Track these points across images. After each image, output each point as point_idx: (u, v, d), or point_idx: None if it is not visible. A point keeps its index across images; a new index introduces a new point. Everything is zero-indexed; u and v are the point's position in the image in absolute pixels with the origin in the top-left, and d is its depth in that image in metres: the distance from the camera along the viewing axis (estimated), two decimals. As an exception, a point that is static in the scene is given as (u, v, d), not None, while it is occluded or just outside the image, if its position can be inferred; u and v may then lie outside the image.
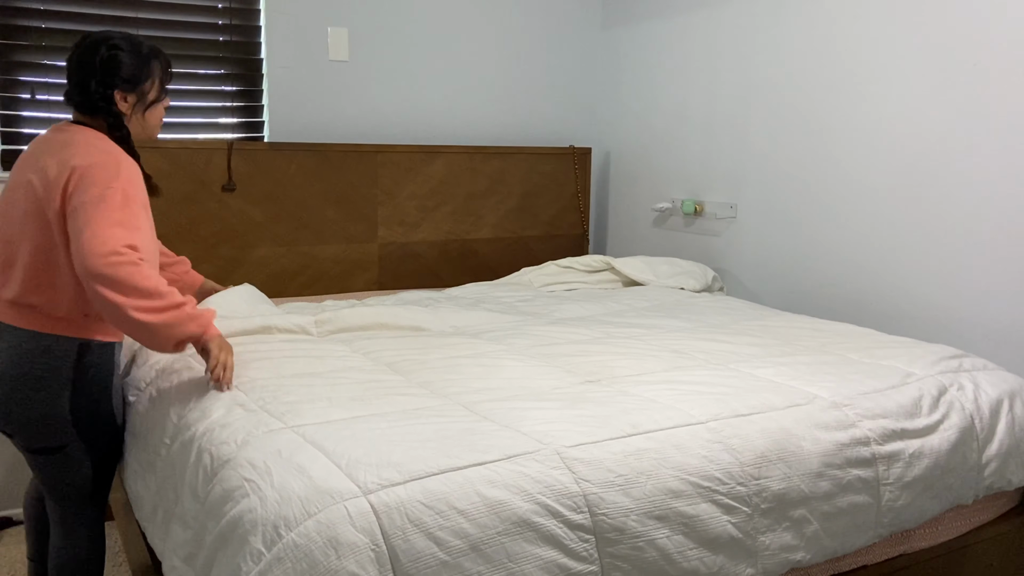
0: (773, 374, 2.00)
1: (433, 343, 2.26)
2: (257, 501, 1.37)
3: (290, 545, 1.29)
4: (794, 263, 2.95)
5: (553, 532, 1.41)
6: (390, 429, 1.57)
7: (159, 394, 1.93)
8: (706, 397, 1.80)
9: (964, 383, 2.04)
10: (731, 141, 3.16)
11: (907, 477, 1.81)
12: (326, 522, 1.30)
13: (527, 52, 3.60)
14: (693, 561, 1.53)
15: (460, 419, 1.64)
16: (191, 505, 1.54)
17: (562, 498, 1.44)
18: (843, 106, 2.74)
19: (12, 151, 2.79)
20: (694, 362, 2.09)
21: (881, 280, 2.66)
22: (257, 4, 3.08)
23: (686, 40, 3.33)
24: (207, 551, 1.43)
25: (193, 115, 3.03)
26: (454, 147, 3.36)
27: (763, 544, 1.61)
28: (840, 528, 1.73)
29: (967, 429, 1.94)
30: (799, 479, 1.67)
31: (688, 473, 1.57)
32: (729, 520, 1.57)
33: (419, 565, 1.30)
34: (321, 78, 3.20)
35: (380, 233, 3.26)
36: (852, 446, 1.76)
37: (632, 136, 3.64)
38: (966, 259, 2.43)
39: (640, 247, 3.65)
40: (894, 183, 2.61)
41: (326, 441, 1.51)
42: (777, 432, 1.71)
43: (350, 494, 1.35)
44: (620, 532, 1.46)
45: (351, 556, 1.27)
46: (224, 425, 1.63)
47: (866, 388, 1.94)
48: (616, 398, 1.79)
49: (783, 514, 1.64)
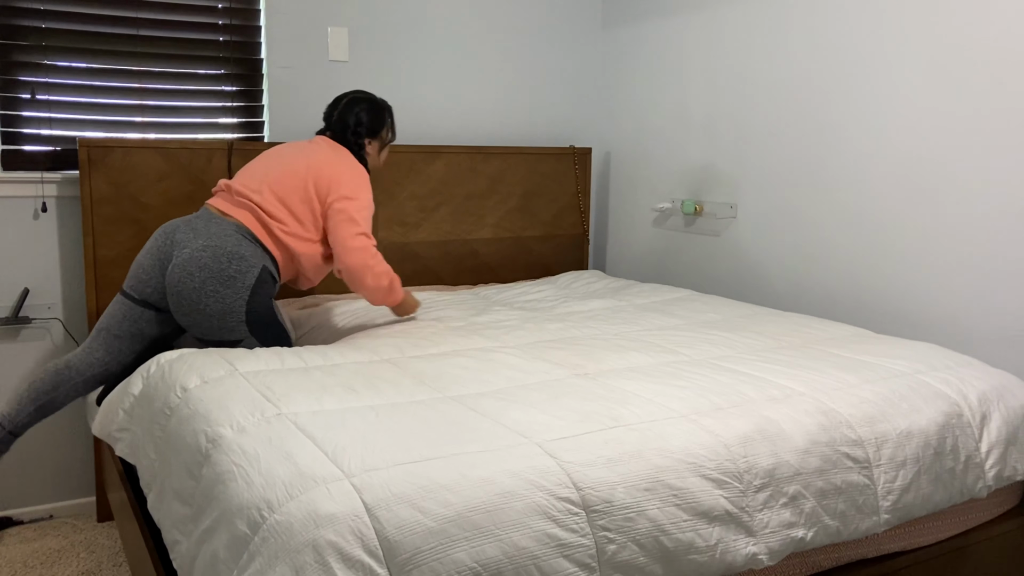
0: (755, 370, 2.05)
1: (432, 336, 2.33)
2: (244, 486, 1.40)
3: (272, 525, 1.31)
4: (794, 263, 2.95)
5: (541, 504, 1.40)
6: (378, 421, 1.62)
7: (168, 365, 2.00)
8: (687, 391, 1.85)
9: (948, 377, 2.07)
10: (731, 141, 3.16)
11: (899, 457, 1.82)
12: (307, 501, 1.32)
13: (527, 52, 3.60)
14: (688, 533, 1.52)
15: (447, 412, 1.69)
16: (188, 482, 1.59)
17: (546, 475, 1.45)
18: (843, 106, 2.74)
19: (12, 151, 2.79)
20: (679, 358, 2.15)
21: (881, 280, 2.66)
22: (257, 4, 3.08)
23: (686, 40, 3.33)
24: (200, 532, 1.48)
25: (193, 115, 3.03)
26: (454, 147, 3.36)
27: (762, 522, 1.61)
28: (840, 507, 1.73)
29: (954, 414, 1.95)
30: (787, 454, 1.68)
31: (672, 452, 1.58)
32: (722, 494, 1.57)
33: (404, 531, 1.30)
34: (321, 78, 3.20)
35: (380, 233, 3.26)
36: (835, 427, 1.78)
37: (632, 136, 3.64)
38: (966, 260, 2.43)
39: (640, 247, 3.65)
40: (894, 183, 2.61)
41: (316, 430, 1.56)
42: (758, 419, 1.74)
43: (333, 478, 1.38)
44: (609, 503, 1.46)
45: (330, 526, 1.28)
46: (221, 408, 1.69)
47: (847, 382, 1.98)
48: (600, 392, 1.83)
49: (778, 490, 1.65)
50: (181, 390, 1.86)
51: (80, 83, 2.86)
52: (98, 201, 2.77)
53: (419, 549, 1.30)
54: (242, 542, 1.34)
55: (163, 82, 2.98)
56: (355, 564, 1.26)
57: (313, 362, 2.05)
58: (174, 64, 2.98)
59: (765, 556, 1.61)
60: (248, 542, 1.32)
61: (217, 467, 1.50)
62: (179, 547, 1.56)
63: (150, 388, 1.98)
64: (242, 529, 1.34)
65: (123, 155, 2.79)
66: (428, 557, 1.30)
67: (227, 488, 1.43)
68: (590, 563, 1.42)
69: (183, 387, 1.86)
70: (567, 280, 3.35)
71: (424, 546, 1.30)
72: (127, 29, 2.90)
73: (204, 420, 1.67)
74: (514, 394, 1.82)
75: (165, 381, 1.94)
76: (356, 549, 1.27)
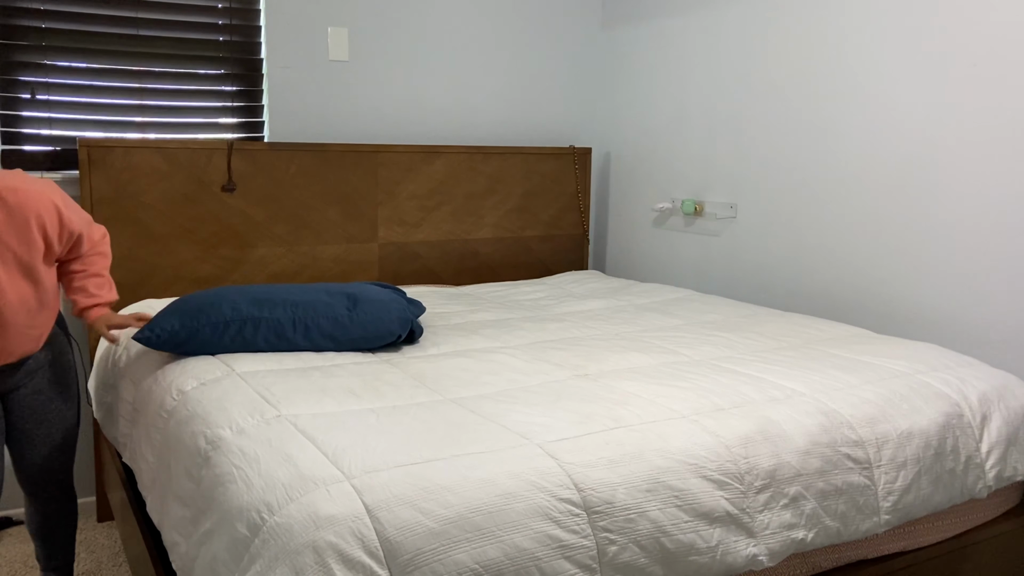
0: (756, 370, 2.05)
1: (433, 337, 2.32)
2: (244, 488, 1.40)
3: (272, 527, 1.30)
4: (794, 263, 2.95)
5: (542, 505, 1.41)
6: (379, 423, 1.61)
7: (161, 370, 1.99)
8: (688, 392, 1.85)
9: (949, 378, 2.07)
10: (731, 141, 3.16)
11: (899, 457, 1.82)
12: (307, 503, 1.32)
13: (527, 52, 3.60)
14: (689, 534, 1.52)
15: (448, 414, 1.69)
16: (187, 484, 1.59)
17: (547, 476, 1.45)
18: (843, 106, 2.74)
19: (12, 151, 2.79)
20: (679, 358, 2.16)
21: (881, 281, 2.66)
22: (257, 4, 3.08)
23: (686, 40, 3.33)
24: (199, 534, 1.47)
25: (193, 115, 3.03)
26: (454, 147, 3.36)
27: (762, 523, 1.61)
28: (840, 508, 1.73)
29: (954, 414, 1.95)
30: (788, 455, 1.68)
31: (672, 453, 1.58)
32: (723, 495, 1.58)
33: (405, 533, 1.30)
34: (321, 78, 3.20)
35: (380, 233, 3.26)
36: (836, 428, 1.78)
37: (632, 136, 3.64)
38: (966, 260, 2.43)
39: (640, 247, 3.65)
40: (894, 183, 2.61)
41: (316, 432, 1.56)
42: (759, 419, 1.74)
43: (333, 479, 1.37)
44: (610, 504, 1.46)
45: (330, 528, 1.28)
46: (220, 409, 1.69)
47: (847, 382, 1.98)
48: (600, 393, 1.83)
49: (779, 491, 1.65)
50: (177, 392, 1.84)
51: (80, 83, 2.86)
52: (98, 201, 2.77)
53: (420, 550, 1.29)
54: (242, 544, 1.33)
55: (163, 82, 2.98)
56: (356, 565, 1.26)
57: (312, 362, 2.04)
58: (174, 64, 2.98)
59: (765, 557, 1.61)
60: (248, 544, 1.32)
61: (217, 469, 1.50)
62: (178, 549, 1.56)
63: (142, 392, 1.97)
64: (242, 531, 1.34)
65: (123, 155, 2.79)
66: (429, 558, 1.29)
67: (227, 490, 1.43)
68: (591, 564, 1.42)
69: (179, 389, 1.85)
70: (567, 280, 3.35)
71: (425, 547, 1.30)
72: (127, 29, 2.90)
73: (203, 422, 1.66)
74: (515, 395, 1.82)
75: (159, 384, 1.93)
76: (357, 550, 1.27)
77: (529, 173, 3.54)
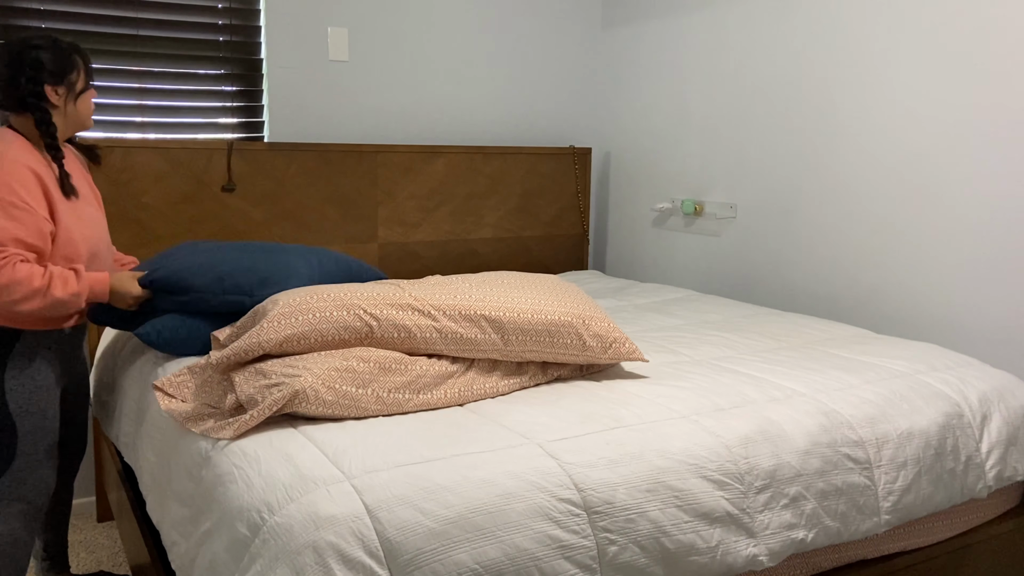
0: (756, 370, 2.05)
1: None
2: (244, 488, 1.40)
3: (273, 527, 1.30)
4: (794, 263, 2.95)
5: (542, 505, 1.41)
6: (379, 423, 1.61)
7: (162, 367, 1.99)
8: (688, 392, 1.85)
9: (949, 378, 2.07)
10: (731, 141, 3.16)
11: (900, 457, 1.82)
12: (307, 503, 1.32)
13: (527, 52, 3.60)
14: (689, 534, 1.52)
15: (448, 414, 1.69)
16: (187, 483, 1.59)
17: (547, 476, 1.45)
18: (843, 106, 2.74)
19: (12, 151, 2.79)
20: (679, 358, 2.15)
21: (881, 281, 2.66)
22: (257, 4, 3.08)
23: (686, 40, 3.33)
24: (199, 534, 1.48)
25: (193, 115, 3.03)
26: (454, 147, 3.36)
27: (762, 523, 1.61)
28: (840, 508, 1.73)
29: (954, 414, 1.95)
30: (788, 455, 1.68)
31: (673, 453, 1.59)
32: (723, 496, 1.58)
33: (405, 533, 1.30)
34: (321, 78, 3.20)
35: (380, 233, 3.26)
36: (836, 428, 1.78)
37: (632, 136, 3.64)
38: (966, 260, 2.43)
39: (640, 247, 3.65)
40: (894, 183, 2.61)
41: (317, 432, 1.56)
42: (759, 419, 1.74)
43: (333, 479, 1.37)
44: (610, 504, 1.46)
45: (330, 528, 1.28)
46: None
47: (848, 382, 1.98)
48: (601, 393, 1.83)
49: (779, 491, 1.65)
50: None
51: (80, 83, 2.86)
52: (98, 201, 2.77)
53: (420, 550, 1.30)
54: (242, 544, 1.33)
55: (163, 82, 2.98)
56: (356, 565, 1.26)
57: None
58: (174, 64, 2.98)
59: (765, 557, 1.61)
60: (248, 544, 1.32)
61: (217, 469, 1.50)
62: (177, 548, 1.56)
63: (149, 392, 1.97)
64: (242, 531, 1.34)
65: (123, 155, 2.79)
66: (429, 558, 1.30)
67: (227, 490, 1.43)
68: (591, 564, 1.42)
69: None
70: (567, 280, 3.35)
71: (425, 547, 1.30)
72: (127, 29, 2.90)
73: None
74: (515, 395, 1.82)
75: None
76: (357, 550, 1.27)
77: (529, 173, 3.55)
